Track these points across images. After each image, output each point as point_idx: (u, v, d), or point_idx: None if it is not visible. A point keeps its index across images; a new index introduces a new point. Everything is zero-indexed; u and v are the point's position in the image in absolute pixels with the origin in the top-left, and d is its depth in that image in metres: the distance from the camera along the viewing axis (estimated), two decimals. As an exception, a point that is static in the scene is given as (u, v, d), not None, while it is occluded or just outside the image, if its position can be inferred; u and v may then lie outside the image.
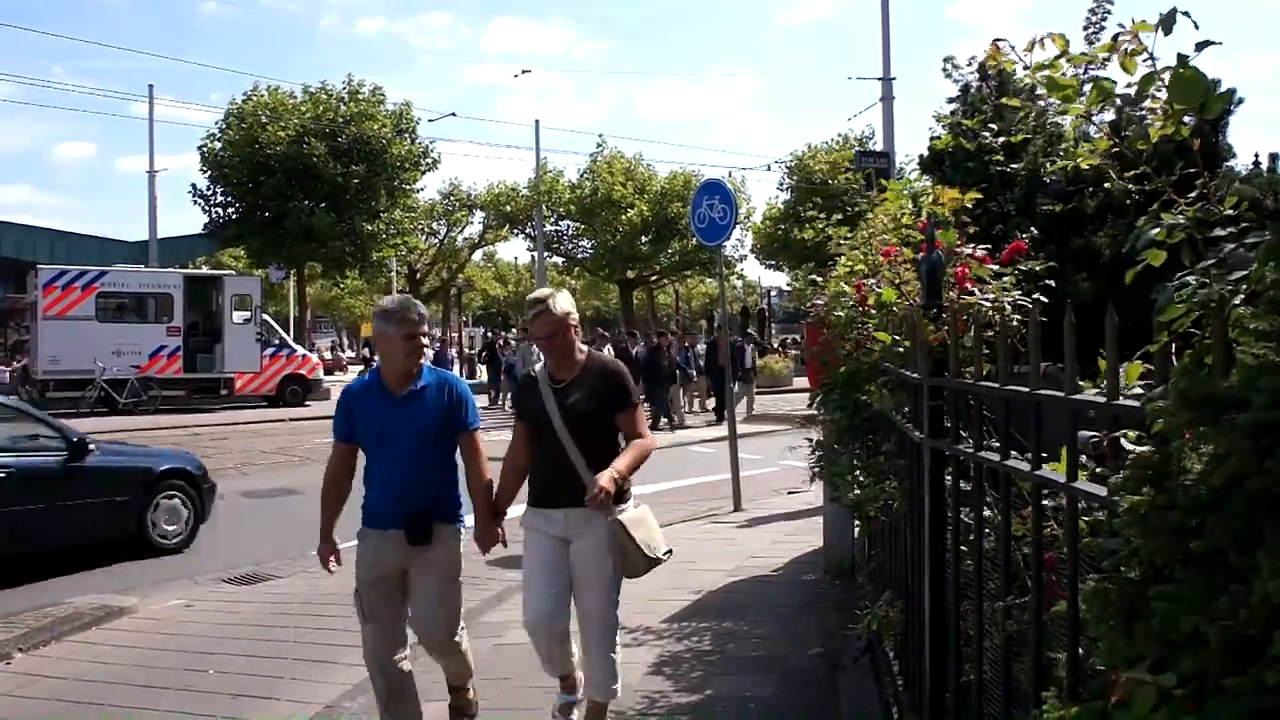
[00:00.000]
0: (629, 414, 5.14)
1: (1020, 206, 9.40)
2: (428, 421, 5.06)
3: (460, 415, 5.16)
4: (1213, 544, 1.53)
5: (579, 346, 5.16)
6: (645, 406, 25.15)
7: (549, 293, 5.10)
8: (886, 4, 23.30)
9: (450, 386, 5.19)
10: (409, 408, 5.06)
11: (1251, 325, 1.66)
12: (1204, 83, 1.86)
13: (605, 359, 5.37)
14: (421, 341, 5.10)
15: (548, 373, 5.15)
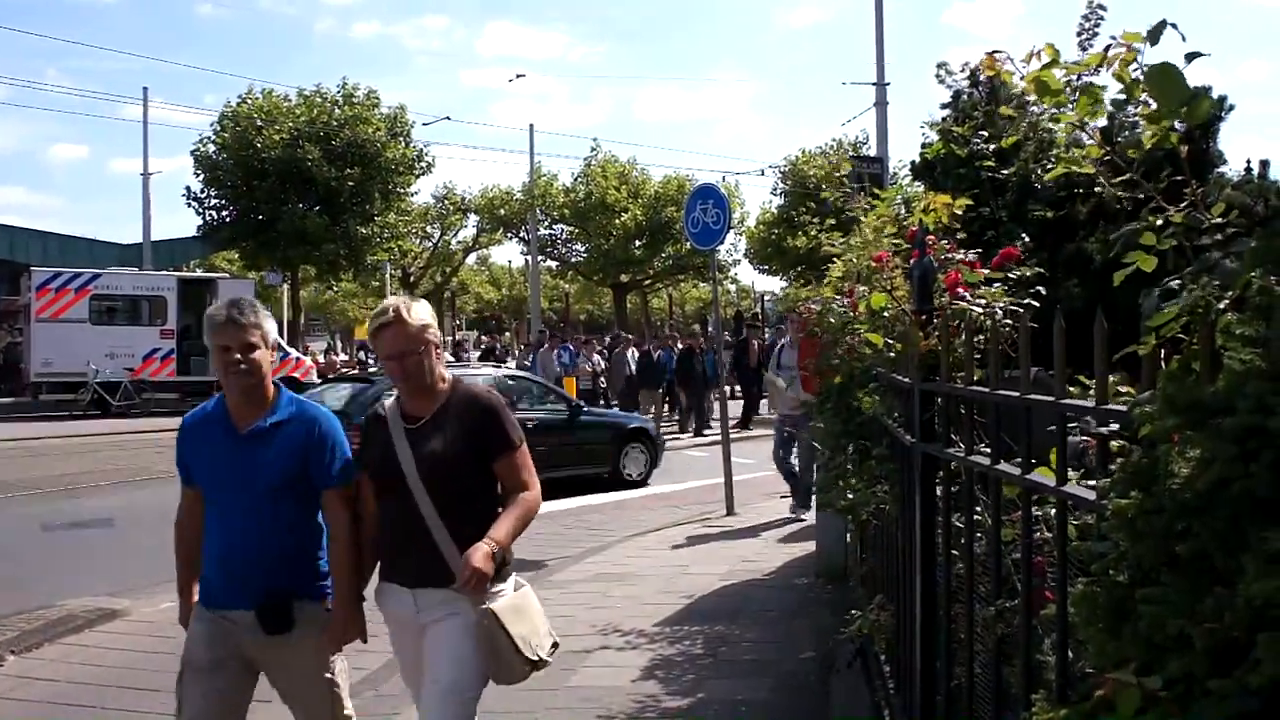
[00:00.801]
0: (510, 460, 3.95)
1: (1012, 212, 9.40)
2: (277, 470, 3.91)
3: (323, 464, 3.95)
4: (1198, 547, 1.54)
5: (441, 373, 4.00)
6: (673, 413, 25.41)
7: (400, 300, 3.98)
8: (881, 9, 23.41)
9: (316, 425, 3.99)
10: (253, 450, 3.92)
11: (1238, 331, 1.67)
12: (1182, 80, 1.88)
13: (477, 389, 4.14)
14: (257, 359, 3.89)
15: (399, 409, 3.99)
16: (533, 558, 10.24)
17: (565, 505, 13.78)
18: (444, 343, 5.64)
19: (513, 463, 3.96)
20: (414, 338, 3.84)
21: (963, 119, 9.46)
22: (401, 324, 3.83)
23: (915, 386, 3.77)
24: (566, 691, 6.26)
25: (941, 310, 3.87)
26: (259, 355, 3.88)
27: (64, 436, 22.03)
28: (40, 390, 28.13)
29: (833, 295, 5.85)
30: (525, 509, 3.93)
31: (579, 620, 7.90)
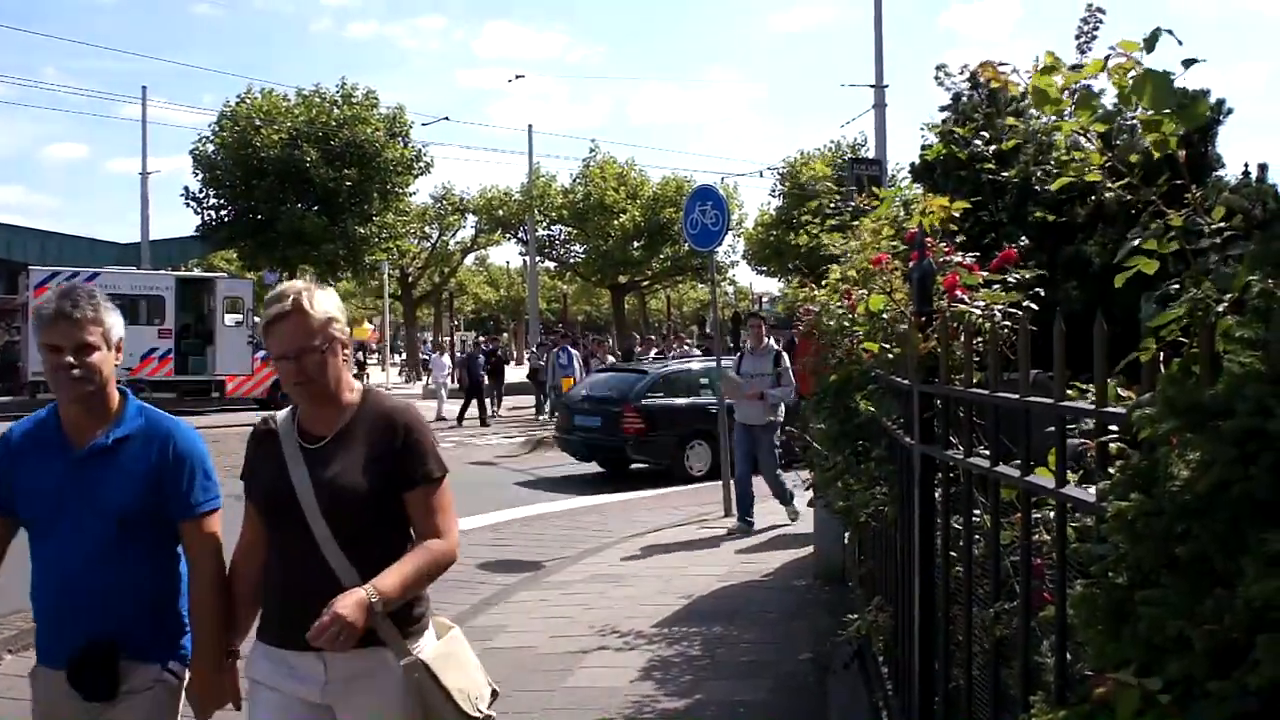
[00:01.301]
0: (426, 496, 3.18)
1: (1011, 215, 9.43)
2: (120, 495, 3.18)
3: (180, 490, 3.26)
4: (1198, 549, 1.55)
5: (349, 380, 3.25)
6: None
7: (301, 285, 3.19)
8: (880, 12, 23.41)
9: (171, 441, 3.28)
10: (93, 472, 3.19)
11: (1238, 334, 1.68)
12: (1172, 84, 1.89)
13: (394, 403, 3.34)
14: (95, 361, 3.15)
15: (295, 423, 3.26)
16: (531, 559, 10.25)
17: (562, 506, 13.80)
18: (447, 344, 5.11)
19: (428, 500, 3.17)
20: (316, 332, 3.08)
21: (963, 121, 9.49)
22: (302, 315, 3.06)
23: (914, 388, 3.78)
24: (564, 692, 6.26)
25: (940, 312, 3.87)
26: (98, 357, 3.14)
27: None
28: (38, 389, 28.06)
29: (831, 296, 5.86)
30: (431, 559, 3.11)
31: (577, 621, 7.91)
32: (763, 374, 11.76)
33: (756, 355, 12.09)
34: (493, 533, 12.00)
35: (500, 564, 10.02)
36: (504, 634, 7.62)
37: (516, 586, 9.06)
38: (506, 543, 11.30)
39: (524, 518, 13.01)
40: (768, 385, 11.69)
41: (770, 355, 11.96)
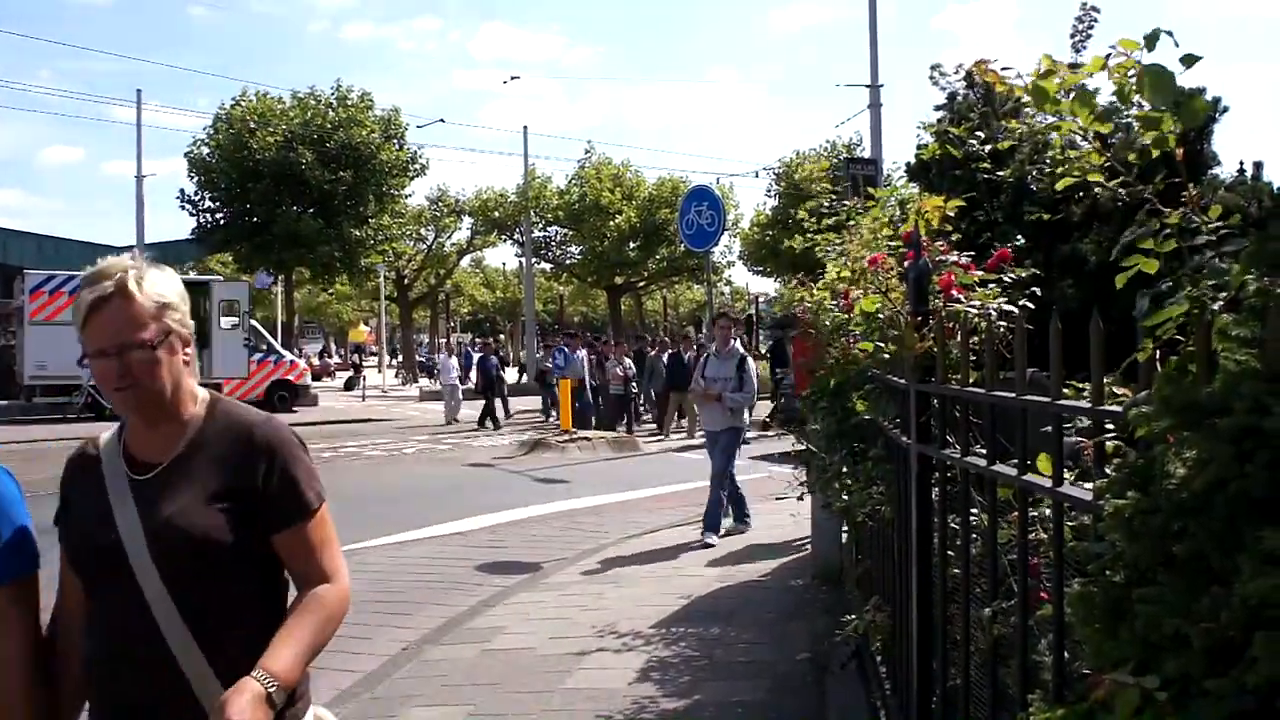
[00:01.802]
0: (302, 534, 2.43)
1: (1007, 214, 9.46)
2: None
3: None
4: (1195, 547, 1.55)
5: (192, 388, 2.49)
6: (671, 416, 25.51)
7: (125, 263, 2.47)
8: (874, 12, 23.38)
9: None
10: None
11: (1234, 332, 1.68)
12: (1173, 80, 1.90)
13: (251, 415, 2.53)
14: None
15: (120, 447, 2.53)
16: (528, 560, 10.25)
17: (560, 508, 13.79)
18: (457, 345, 4.60)
19: (306, 538, 2.41)
20: (145, 322, 2.33)
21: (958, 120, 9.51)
22: (127, 300, 2.34)
23: (911, 388, 3.78)
24: (563, 693, 6.26)
25: (936, 312, 3.87)
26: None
27: (59, 439, 21.99)
28: (34, 393, 28.11)
29: (827, 296, 5.86)
30: (325, 614, 2.36)
31: (575, 622, 7.90)
32: (725, 378, 11.23)
33: (721, 359, 11.48)
34: (490, 534, 12.00)
35: (498, 565, 10.02)
36: (502, 635, 7.62)
37: (514, 588, 9.05)
38: (504, 544, 11.30)
39: (521, 519, 13.01)
40: (729, 390, 11.17)
41: (735, 359, 11.38)
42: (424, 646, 7.46)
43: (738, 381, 11.15)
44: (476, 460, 19.53)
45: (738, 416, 11.26)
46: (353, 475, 17.16)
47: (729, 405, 11.11)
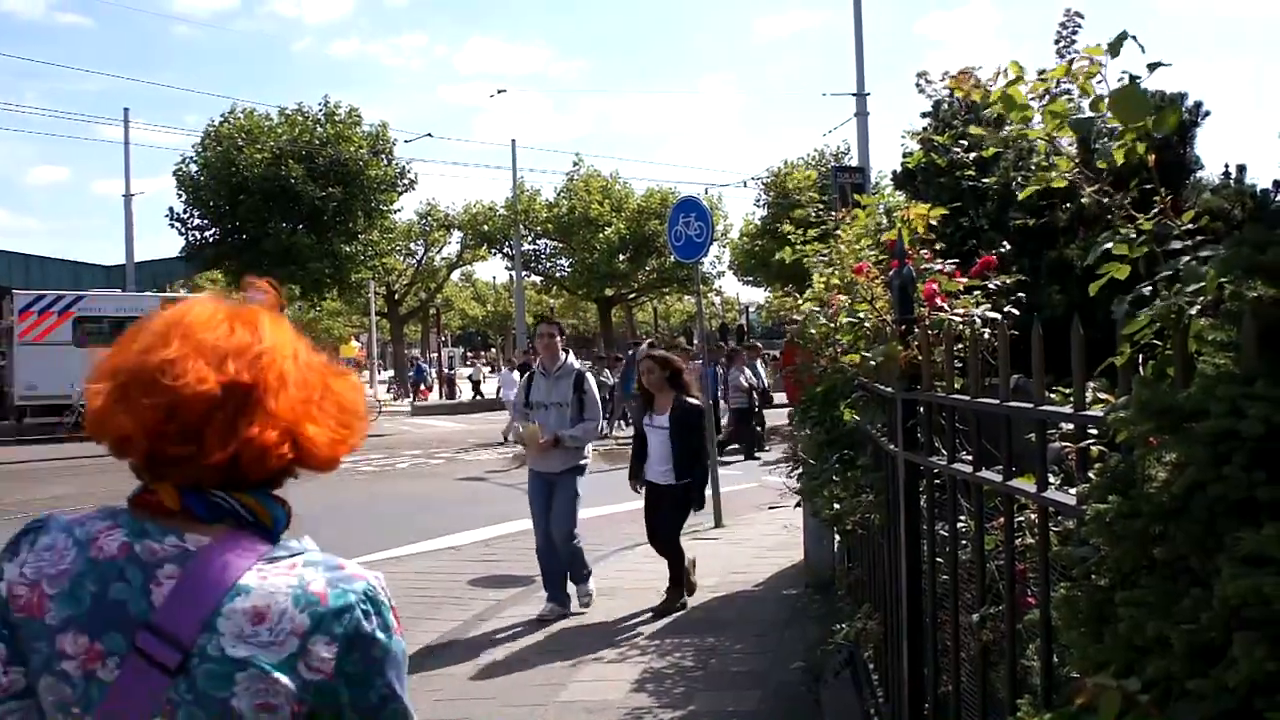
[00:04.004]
0: None
1: (993, 221, 9.49)
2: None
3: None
4: (1175, 550, 1.57)
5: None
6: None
7: None
8: (860, 21, 23.45)
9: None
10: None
11: (1211, 336, 1.70)
12: (1146, 99, 1.92)
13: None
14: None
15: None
16: (521, 573, 10.24)
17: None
18: (446, 358, 4.11)
19: None
20: None
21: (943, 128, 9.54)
22: None
23: (897, 396, 3.80)
24: (558, 706, 6.26)
25: (921, 320, 3.89)
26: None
27: (49, 460, 21.94)
28: (25, 414, 28.01)
29: (814, 306, 5.88)
30: None
31: (569, 634, 7.90)
32: (559, 403, 8.57)
33: (551, 378, 8.67)
34: (484, 548, 11.99)
35: (491, 579, 10.01)
36: (496, 649, 7.61)
37: (508, 602, 9.04)
38: (497, 558, 11.28)
39: (514, 532, 12.96)
40: (565, 420, 8.51)
41: (569, 377, 8.65)
42: (419, 661, 7.45)
43: (576, 407, 8.55)
44: (468, 474, 19.51)
45: (580, 452, 8.68)
46: (345, 490, 17.13)
47: (569, 444, 8.51)
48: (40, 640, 1.53)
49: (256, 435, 1.57)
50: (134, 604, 1.52)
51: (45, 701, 1.53)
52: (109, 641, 1.51)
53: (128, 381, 1.57)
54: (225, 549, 1.57)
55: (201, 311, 1.67)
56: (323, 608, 1.57)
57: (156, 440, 1.55)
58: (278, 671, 1.51)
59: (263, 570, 1.57)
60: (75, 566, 1.55)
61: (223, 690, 1.49)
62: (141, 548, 1.56)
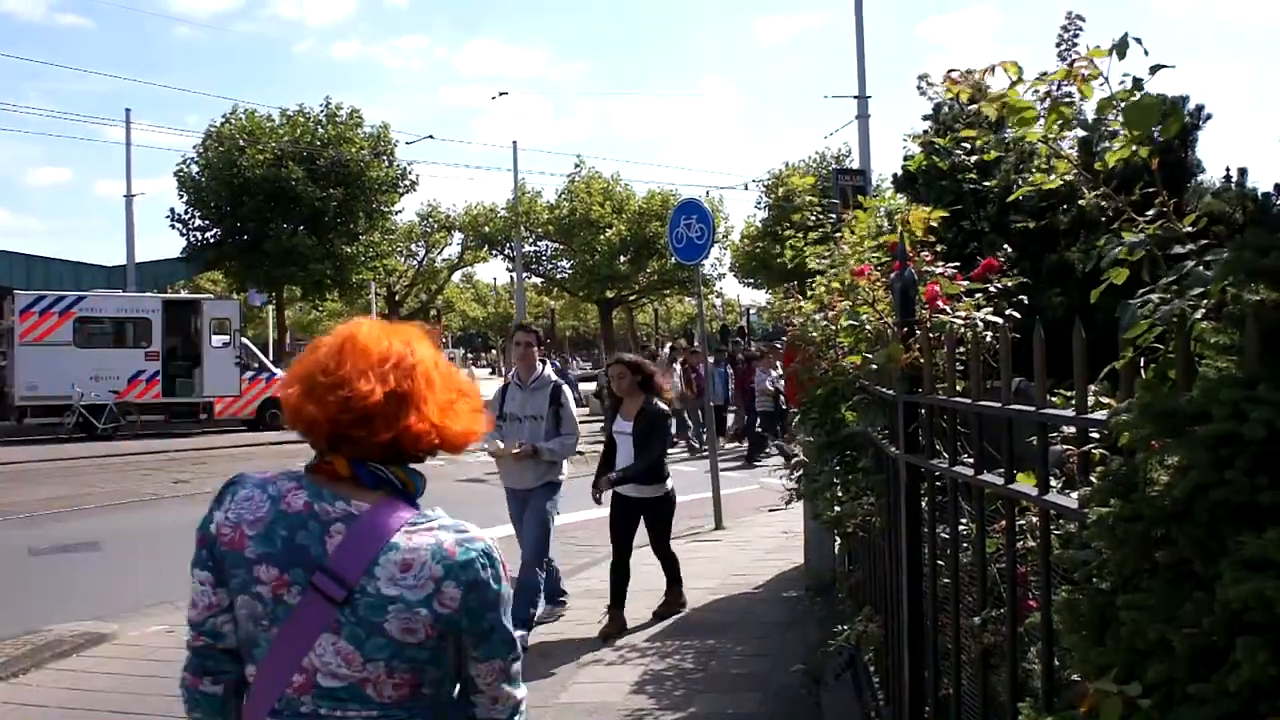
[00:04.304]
0: None
1: (994, 223, 9.47)
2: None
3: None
4: (1177, 554, 1.56)
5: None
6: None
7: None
8: (861, 24, 23.45)
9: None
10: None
11: (1213, 340, 1.70)
12: (1158, 106, 1.91)
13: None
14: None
15: None
16: (522, 575, 10.23)
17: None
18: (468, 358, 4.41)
19: None
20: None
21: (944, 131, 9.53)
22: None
23: (899, 398, 3.80)
24: (558, 708, 6.25)
25: (923, 322, 3.89)
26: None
27: (49, 460, 21.94)
28: (25, 414, 27.98)
29: (815, 309, 5.88)
30: None
31: (569, 636, 7.90)
32: (534, 416, 8.09)
33: (527, 389, 8.17)
34: (483, 550, 11.98)
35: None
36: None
37: (508, 603, 9.03)
38: (497, 559, 11.27)
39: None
40: (540, 435, 8.04)
41: (546, 389, 8.14)
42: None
43: (553, 420, 8.08)
44: (468, 476, 19.49)
45: (556, 468, 8.24)
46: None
47: (545, 457, 8.06)
48: (239, 569, 2.11)
49: (412, 426, 2.15)
50: (313, 549, 2.08)
51: (240, 615, 2.13)
52: (293, 574, 2.08)
53: (313, 385, 2.13)
54: (381, 515, 2.12)
55: (370, 332, 2.22)
56: (452, 561, 2.11)
57: (335, 426, 2.12)
58: (419, 606, 2.07)
59: (408, 532, 2.12)
60: (269, 515, 2.11)
61: (378, 617, 2.05)
62: (319, 508, 2.12)
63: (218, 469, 20.34)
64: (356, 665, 2.08)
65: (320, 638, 2.07)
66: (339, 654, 2.07)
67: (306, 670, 2.08)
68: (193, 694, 2.22)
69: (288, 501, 2.13)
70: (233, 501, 2.16)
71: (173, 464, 21.33)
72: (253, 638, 2.13)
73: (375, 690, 2.09)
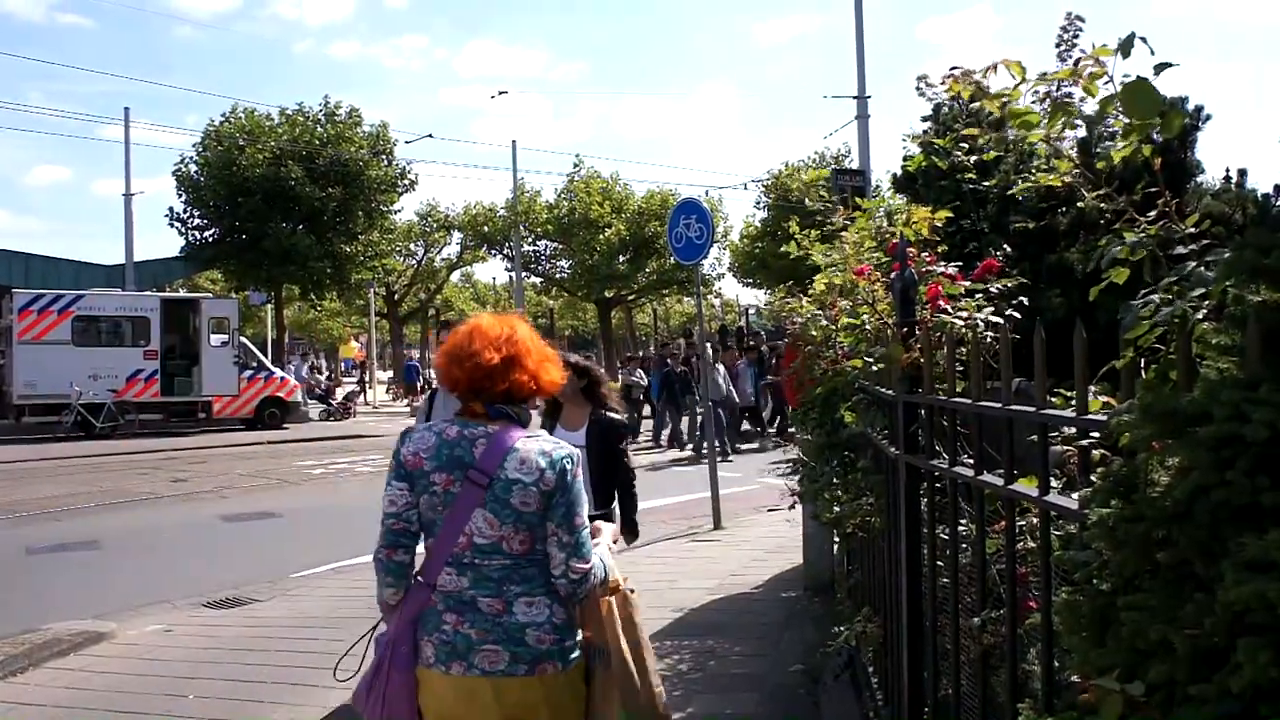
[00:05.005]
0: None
1: (993, 224, 9.49)
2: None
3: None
4: (1179, 555, 1.56)
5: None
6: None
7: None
8: (861, 24, 23.46)
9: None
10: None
11: (1214, 340, 1.70)
12: (1156, 94, 1.91)
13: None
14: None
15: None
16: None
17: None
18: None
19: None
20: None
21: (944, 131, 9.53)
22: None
23: (898, 399, 3.79)
24: (556, 708, 6.24)
25: (923, 322, 3.89)
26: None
27: (48, 459, 21.93)
28: (23, 413, 27.97)
29: (815, 309, 5.87)
30: None
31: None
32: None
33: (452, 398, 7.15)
34: (482, 549, 11.97)
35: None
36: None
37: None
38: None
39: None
40: None
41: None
42: (416, 662, 7.44)
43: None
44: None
45: None
46: (345, 492, 17.13)
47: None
48: (422, 479, 3.30)
49: (518, 379, 3.37)
50: (466, 457, 3.28)
51: (422, 507, 3.32)
52: (455, 475, 3.27)
53: (457, 357, 3.38)
54: (505, 433, 3.32)
55: (488, 321, 3.48)
56: (550, 457, 3.28)
57: (471, 382, 3.37)
58: (530, 486, 3.24)
59: (523, 442, 3.31)
60: (435, 443, 3.32)
61: (507, 495, 3.23)
62: (467, 432, 3.33)
63: (216, 468, 20.34)
64: (496, 528, 3.26)
65: (474, 512, 3.26)
66: (486, 522, 3.26)
67: (467, 535, 3.27)
68: (387, 563, 3.37)
69: (446, 434, 3.34)
70: (410, 441, 3.37)
71: (171, 463, 21.30)
72: (431, 520, 3.33)
73: (508, 545, 3.27)
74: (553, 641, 3.29)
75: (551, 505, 3.25)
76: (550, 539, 3.27)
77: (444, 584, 3.30)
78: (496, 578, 3.26)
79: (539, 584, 3.29)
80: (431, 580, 3.32)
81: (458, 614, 3.27)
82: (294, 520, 14.02)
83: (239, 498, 16.53)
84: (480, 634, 3.24)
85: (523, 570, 3.28)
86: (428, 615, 3.32)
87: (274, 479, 18.78)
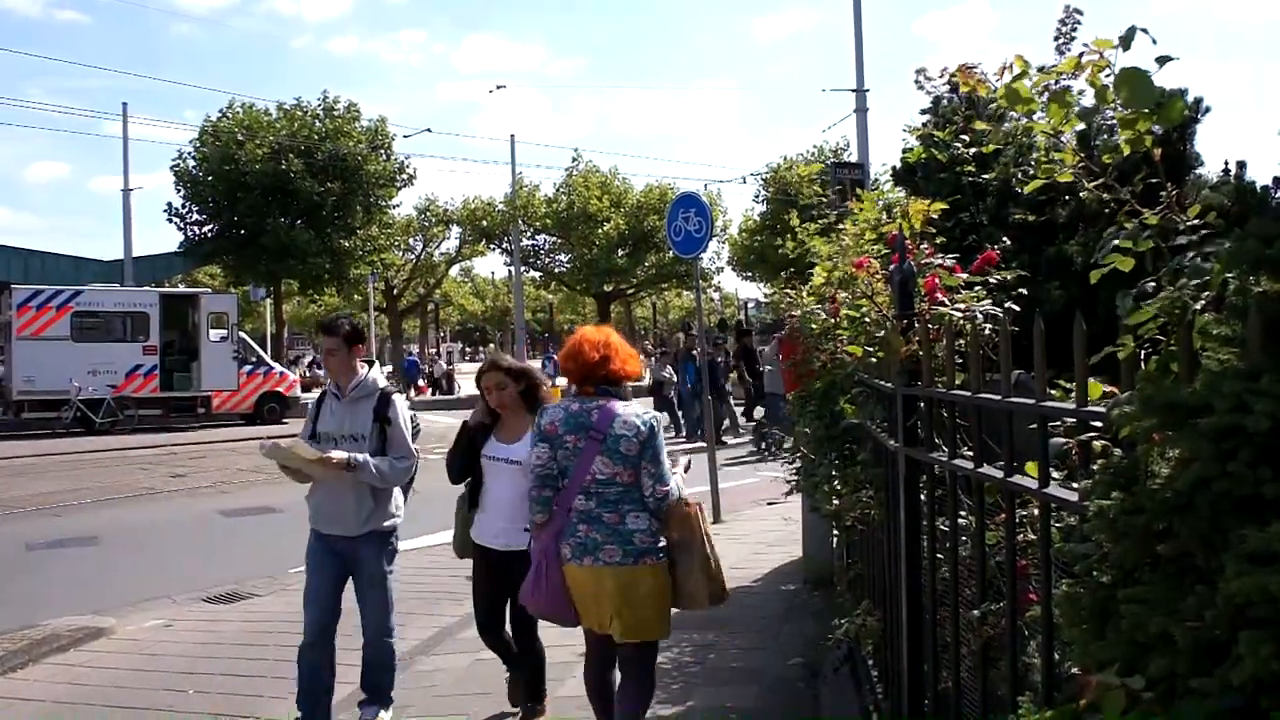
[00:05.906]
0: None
1: (992, 216, 9.47)
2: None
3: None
4: (1179, 547, 1.55)
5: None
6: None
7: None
8: (859, 18, 23.44)
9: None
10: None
11: (1215, 331, 1.69)
12: (1151, 83, 1.90)
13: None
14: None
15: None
16: (520, 569, 10.22)
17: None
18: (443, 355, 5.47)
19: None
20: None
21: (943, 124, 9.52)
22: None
23: (898, 391, 3.78)
24: (557, 701, 6.25)
25: (922, 315, 3.88)
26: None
27: (47, 454, 21.93)
28: (22, 409, 27.97)
29: (814, 302, 5.86)
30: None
31: (567, 630, 7.87)
32: (355, 435, 5.92)
33: (346, 401, 5.97)
34: (482, 544, 11.97)
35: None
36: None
37: (506, 597, 9.02)
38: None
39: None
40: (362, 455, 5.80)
41: (371, 399, 5.98)
42: (415, 657, 7.45)
43: (377, 441, 5.93)
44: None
45: (384, 506, 6.05)
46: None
47: (366, 478, 5.82)
48: (557, 440, 4.85)
49: (612, 368, 4.94)
50: (586, 422, 4.82)
51: (559, 459, 4.85)
52: (580, 435, 4.81)
53: (571, 356, 5.01)
54: (611, 405, 4.85)
55: (589, 331, 5.11)
56: (642, 419, 4.83)
57: (581, 372, 4.96)
58: (631, 438, 4.76)
59: (623, 410, 4.83)
60: (564, 415, 4.89)
61: (616, 445, 4.76)
62: (584, 406, 4.88)
63: (215, 463, 20.32)
64: (610, 468, 4.77)
65: (595, 459, 4.77)
66: (603, 464, 4.76)
67: (591, 473, 4.78)
68: (538, 499, 4.90)
69: (571, 409, 4.89)
70: (546, 416, 4.95)
71: (170, 458, 21.30)
72: (566, 467, 4.83)
73: (619, 478, 4.78)
74: (651, 542, 4.80)
75: (644, 449, 4.78)
76: (643, 471, 4.78)
77: (578, 505, 4.81)
78: (613, 499, 4.78)
79: (640, 504, 4.80)
80: (568, 505, 4.83)
81: (588, 524, 4.79)
82: (293, 515, 13.93)
83: (238, 493, 16.52)
84: (603, 537, 4.77)
85: (630, 494, 4.79)
86: (567, 528, 4.83)
87: (273, 474, 18.61)
